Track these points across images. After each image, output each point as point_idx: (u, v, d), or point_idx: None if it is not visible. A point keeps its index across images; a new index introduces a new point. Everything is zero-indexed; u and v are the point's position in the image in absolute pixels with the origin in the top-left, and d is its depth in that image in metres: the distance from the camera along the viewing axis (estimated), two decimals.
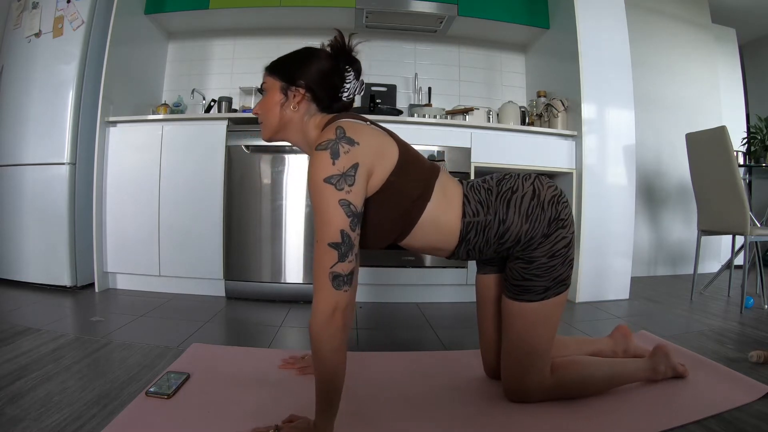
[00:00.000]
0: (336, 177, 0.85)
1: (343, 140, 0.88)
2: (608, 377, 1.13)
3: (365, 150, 0.90)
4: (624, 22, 2.43)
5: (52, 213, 2.23)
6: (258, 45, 2.94)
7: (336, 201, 0.84)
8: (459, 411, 1.05)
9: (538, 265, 0.98)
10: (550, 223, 0.98)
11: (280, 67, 1.02)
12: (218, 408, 1.02)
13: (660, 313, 2.13)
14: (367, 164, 0.89)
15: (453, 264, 2.25)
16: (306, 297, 2.19)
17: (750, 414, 1.04)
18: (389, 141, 0.97)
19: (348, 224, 0.85)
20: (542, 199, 0.99)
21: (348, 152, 0.87)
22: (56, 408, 0.99)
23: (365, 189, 0.90)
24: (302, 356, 1.31)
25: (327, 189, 0.84)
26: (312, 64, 0.99)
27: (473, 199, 1.00)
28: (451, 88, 3.04)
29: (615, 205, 2.37)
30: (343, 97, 1.01)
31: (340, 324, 0.84)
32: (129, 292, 2.25)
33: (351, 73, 1.01)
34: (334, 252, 0.83)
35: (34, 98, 2.29)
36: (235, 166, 2.19)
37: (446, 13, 2.64)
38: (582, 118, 2.32)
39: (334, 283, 0.83)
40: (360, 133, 0.92)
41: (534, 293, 1.00)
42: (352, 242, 0.85)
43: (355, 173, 0.87)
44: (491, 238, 0.99)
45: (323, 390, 0.85)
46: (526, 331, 1.02)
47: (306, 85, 0.98)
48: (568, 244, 1.00)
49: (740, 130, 3.59)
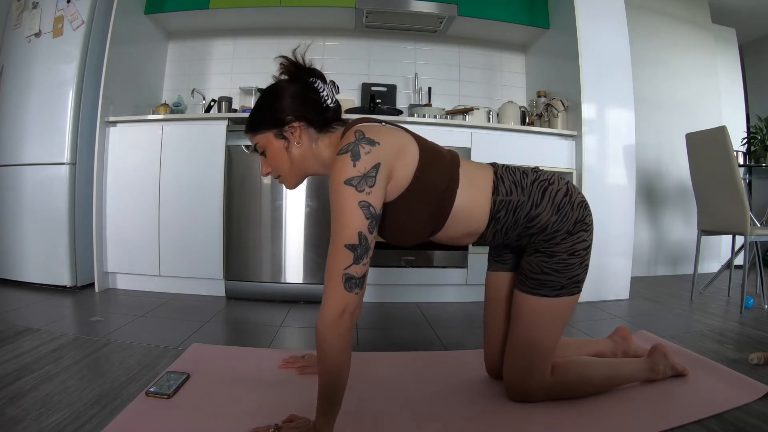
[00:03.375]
0: (357, 178, 0.85)
1: (363, 141, 0.89)
2: (607, 377, 1.14)
3: (386, 149, 0.90)
4: (624, 22, 2.43)
5: (52, 213, 2.23)
6: (258, 45, 2.94)
7: (356, 203, 0.84)
8: (459, 411, 1.05)
9: (558, 260, 1.00)
10: (576, 223, 1.01)
11: (261, 119, 0.99)
12: (218, 408, 1.02)
13: (660, 313, 2.13)
14: (388, 163, 0.90)
15: (453, 264, 2.25)
16: (306, 297, 2.19)
17: (750, 414, 1.04)
18: (408, 138, 0.98)
19: (366, 226, 0.85)
20: (573, 200, 1.02)
21: (369, 153, 0.88)
22: (56, 408, 0.99)
23: (385, 189, 0.90)
24: (302, 356, 1.31)
25: (347, 190, 0.85)
26: (284, 97, 0.97)
27: (507, 179, 1.02)
28: (451, 88, 3.04)
29: (615, 205, 2.37)
30: (328, 105, 1.00)
31: (347, 325, 0.84)
32: (129, 292, 2.25)
33: (317, 81, 0.99)
34: (349, 254, 0.83)
35: (34, 98, 2.29)
36: (235, 166, 2.19)
37: (446, 13, 2.64)
38: (582, 118, 2.32)
39: (347, 285, 0.83)
40: (379, 133, 0.92)
41: (550, 288, 1.01)
42: (368, 245, 0.86)
43: (376, 174, 0.87)
44: (520, 219, 1.00)
45: (326, 390, 0.85)
46: (534, 327, 1.04)
47: (294, 116, 0.96)
48: (587, 248, 1.03)
49: (740, 130, 3.59)
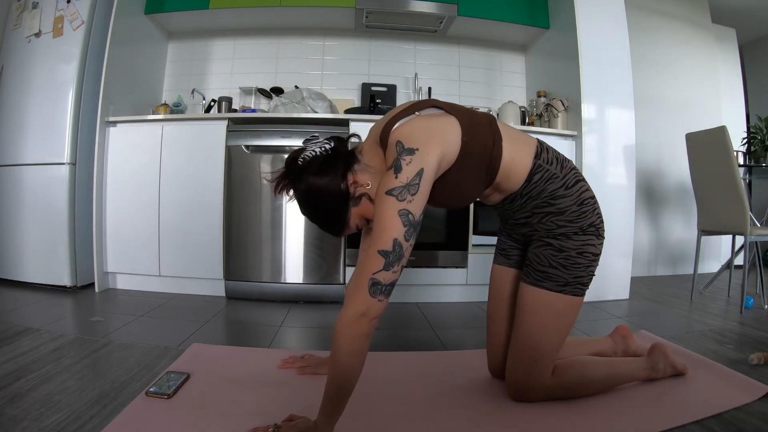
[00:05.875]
0: (398, 188, 0.86)
1: (403, 153, 0.88)
2: (608, 377, 1.14)
3: (426, 150, 0.89)
4: (624, 22, 2.43)
5: (52, 213, 2.23)
6: (258, 45, 2.94)
7: (395, 211, 0.85)
8: (459, 411, 1.05)
9: (566, 256, 1.02)
10: (590, 226, 1.04)
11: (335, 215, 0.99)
12: (218, 408, 1.02)
13: (660, 313, 2.13)
14: (433, 164, 0.89)
15: (453, 264, 2.25)
16: (306, 297, 2.19)
17: (750, 414, 1.04)
18: (443, 115, 0.97)
19: (403, 234, 0.85)
20: (595, 206, 1.06)
21: (410, 162, 0.87)
22: (56, 408, 0.99)
23: (429, 191, 0.90)
24: (301, 356, 1.31)
25: (388, 200, 0.85)
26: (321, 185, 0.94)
27: (551, 151, 1.06)
28: (451, 88, 3.04)
29: (615, 205, 2.37)
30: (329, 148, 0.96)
31: (365, 329, 0.83)
32: (129, 292, 2.25)
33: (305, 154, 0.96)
34: (381, 259, 0.84)
35: (34, 98, 2.29)
36: (235, 166, 2.19)
37: (446, 13, 2.64)
38: (582, 118, 2.32)
39: (372, 289, 0.83)
40: (415, 135, 0.90)
41: (554, 282, 1.03)
42: (402, 252, 0.85)
43: (420, 180, 0.87)
44: (546, 191, 1.02)
45: (332, 390, 0.84)
46: (537, 322, 1.04)
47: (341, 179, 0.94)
48: (596, 254, 1.05)
49: (740, 130, 3.59)
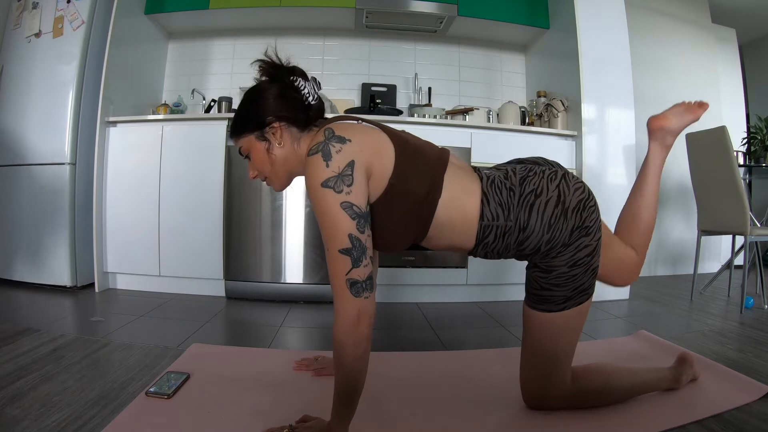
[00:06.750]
0: (333, 179, 0.81)
1: (333, 140, 0.85)
2: (630, 387, 1.08)
3: (359, 146, 0.86)
4: (624, 22, 2.43)
5: (52, 213, 2.23)
6: (258, 45, 2.91)
7: (337, 205, 0.81)
8: (458, 411, 1.05)
9: (557, 274, 0.92)
10: (572, 232, 0.90)
11: (242, 122, 0.97)
12: (218, 408, 1.02)
13: (660, 313, 2.13)
14: (363, 161, 0.85)
15: (453, 264, 2.25)
16: (306, 297, 2.19)
17: (750, 414, 1.04)
18: (384, 138, 0.92)
19: (355, 227, 0.81)
20: (567, 206, 0.91)
21: (340, 151, 0.83)
22: (56, 408, 0.99)
23: (366, 187, 0.85)
24: (315, 357, 1.29)
25: (326, 193, 0.81)
26: (264, 98, 0.94)
27: (493, 200, 0.91)
28: (451, 88, 3.04)
29: (615, 205, 2.33)
30: (310, 103, 0.96)
31: (365, 332, 0.81)
32: (129, 292, 2.25)
33: (298, 79, 0.95)
34: (346, 258, 0.80)
35: (34, 98, 2.29)
36: (235, 166, 2.19)
37: (446, 13, 2.64)
38: (582, 118, 2.32)
39: (353, 290, 0.80)
40: (350, 130, 0.89)
41: (553, 303, 0.94)
42: (363, 245, 0.81)
43: (352, 172, 0.83)
44: (511, 244, 0.92)
45: (343, 393, 0.83)
46: (544, 340, 0.97)
47: (275, 117, 0.93)
48: (592, 252, 0.93)
49: (740, 130, 3.59)
